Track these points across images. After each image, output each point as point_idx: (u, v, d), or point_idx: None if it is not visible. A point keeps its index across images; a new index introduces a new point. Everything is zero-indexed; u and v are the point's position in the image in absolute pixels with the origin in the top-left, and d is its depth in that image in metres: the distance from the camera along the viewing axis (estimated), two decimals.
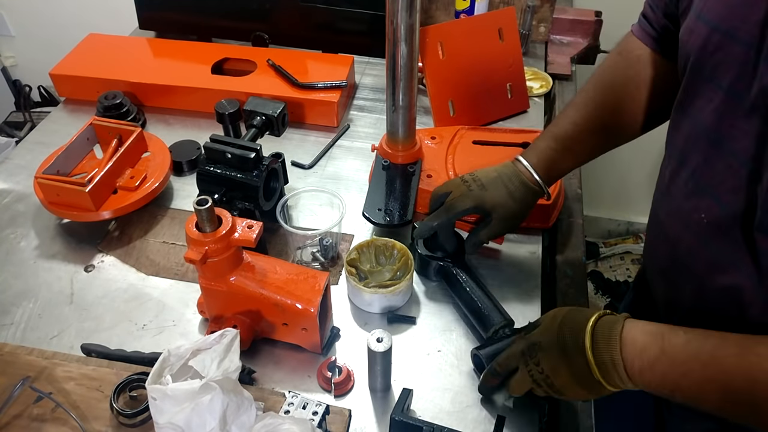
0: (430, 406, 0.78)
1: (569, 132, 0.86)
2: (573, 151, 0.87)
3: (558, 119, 0.89)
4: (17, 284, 0.93)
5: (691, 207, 0.68)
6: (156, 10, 1.46)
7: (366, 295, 0.86)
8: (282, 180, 1.01)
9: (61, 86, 1.30)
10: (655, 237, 0.81)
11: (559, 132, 0.87)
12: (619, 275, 2.11)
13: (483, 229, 0.88)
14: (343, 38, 1.41)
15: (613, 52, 0.88)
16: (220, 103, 1.03)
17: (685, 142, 0.70)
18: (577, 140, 0.86)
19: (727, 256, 0.65)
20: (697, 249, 0.69)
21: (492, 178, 0.87)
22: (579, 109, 0.86)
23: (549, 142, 0.87)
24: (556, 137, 0.86)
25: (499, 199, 0.86)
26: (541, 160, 0.87)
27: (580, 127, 0.85)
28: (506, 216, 0.86)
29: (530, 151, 0.88)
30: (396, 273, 0.90)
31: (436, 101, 1.17)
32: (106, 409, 0.73)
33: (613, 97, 0.85)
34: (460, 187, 0.88)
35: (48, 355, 0.79)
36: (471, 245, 0.89)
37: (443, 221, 0.88)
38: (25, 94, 2.39)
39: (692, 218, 0.68)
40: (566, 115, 0.87)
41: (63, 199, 0.97)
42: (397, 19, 0.85)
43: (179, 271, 0.95)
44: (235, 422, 0.65)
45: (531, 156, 0.87)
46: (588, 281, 2.07)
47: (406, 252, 0.90)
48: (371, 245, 0.91)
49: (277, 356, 0.84)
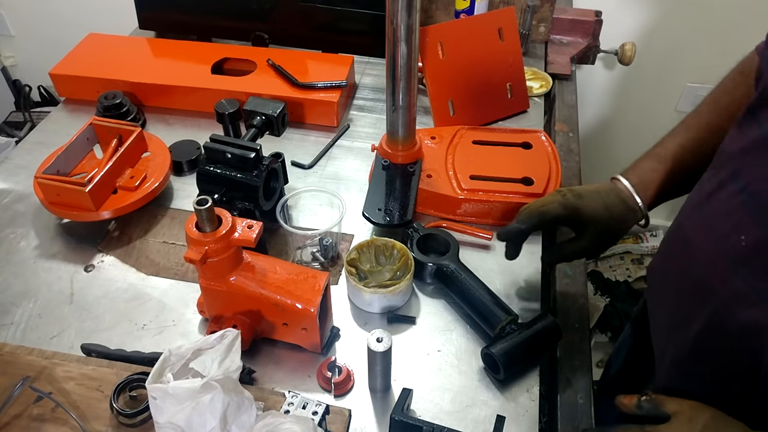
0: (430, 406, 0.78)
1: (676, 154, 0.80)
2: (679, 175, 0.81)
3: (664, 140, 0.83)
4: (17, 284, 0.93)
5: (730, 226, 0.61)
6: (156, 10, 1.46)
7: (366, 295, 0.86)
8: (282, 180, 1.01)
9: (61, 86, 1.30)
10: (673, 254, 0.75)
11: (665, 153, 0.81)
12: (619, 275, 2.11)
13: (571, 243, 0.82)
14: (343, 38, 1.41)
15: (734, 71, 0.82)
16: (220, 103, 1.03)
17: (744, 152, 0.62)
18: (683, 163, 0.80)
19: (757, 287, 0.58)
20: (724, 274, 0.61)
21: (590, 190, 0.82)
22: (689, 131, 0.81)
23: (652, 163, 0.81)
24: (660, 158, 0.81)
25: (595, 212, 0.80)
26: (642, 181, 0.81)
27: (688, 149, 0.80)
28: (601, 232, 0.81)
29: (631, 170, 0.83)
30: (396, 273, 0.90)
31: (436, 101, 1.17)
32: (106, 409, 0.73)
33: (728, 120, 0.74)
34: (554, 195, 0.83)
35: (48, 355, 0.79)
36: (552, 258, 0.85)
37: (531, 225, 0.82)
38: (25, 94, 2.39)
39: (730, 239, 0.61)
40: (674, 136, 0.82)
41: (63, 199, 0.97)
42: (397, 19, 0.85)
43: (179, 271, 0.95)
44: (236, 422, 0.65)
45: (631, 176, 0.82)
46: (588, 281, 2.07)
47: (406, 252, 0.90)
48: (371, 245, 0.91)
49: (277, 356, 0.84)
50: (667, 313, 0.76)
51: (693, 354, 0.69)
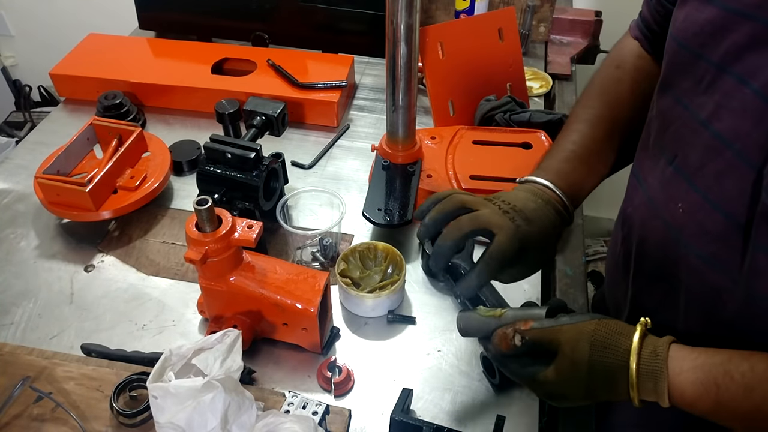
0: (430, 407, 0.78)
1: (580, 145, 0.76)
2: (595, 169, 0.77)
3: (560, 141, 0.79)
4: (17, 284, 0.93)
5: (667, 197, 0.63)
6: (156, 10, 1.46)
7: (369, 301, 0.86)
8: (282, 180, 1.01)
9: (61, 86, 1.30)
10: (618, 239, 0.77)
11: (570, 148, 0.77)
12: None
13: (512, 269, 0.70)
14: (343, 38, 1.41)
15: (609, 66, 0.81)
16: (220, 103, 1.03)
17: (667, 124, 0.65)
18: (591, 153, 0.76)
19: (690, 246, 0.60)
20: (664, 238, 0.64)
21: (532, 210, 0.69)
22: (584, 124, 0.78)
23: (570, 164, 0.75)
24: (574, 157, 0.76)
25: (544, 236, 0.69)
26: (570, 186, 0.73)
27: (590, 140, 0.77)
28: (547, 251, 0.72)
29: (550, 173, 0.74)
30: (385, 273, 0.90)
31: (436, 101, 1.17)
32: (106, 409, 0.73)
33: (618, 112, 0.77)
34: (499, 215, 0.68)
35: (48, 355, 0.79)
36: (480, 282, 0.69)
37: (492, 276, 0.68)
38: (25, 94, 2.39)
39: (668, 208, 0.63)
40: (572, 131, 0.78)
41: (63, 199, 0.97)
42: (397, 19, 0.85)
43: (179, 271, 0.95)
44: (236, 422, 0.65)
45: (555, 178, 0.73)
46: (588, 281, 2.07)
47: (389, 249, 0.90)
48: (355, 252, 0.91)
49: (277, 356, 0.84)
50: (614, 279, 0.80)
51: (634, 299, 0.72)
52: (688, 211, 0.60)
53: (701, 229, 0.59)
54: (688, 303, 0.64)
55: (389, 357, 0.84)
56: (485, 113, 1.15)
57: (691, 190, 0.60)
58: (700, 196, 0.59)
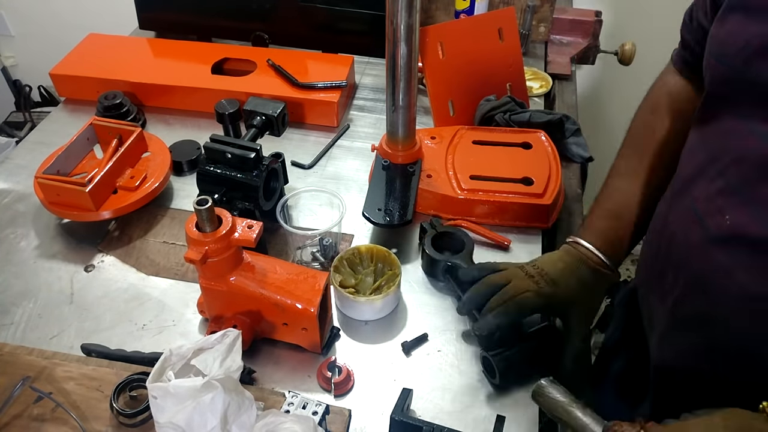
0: (430, 406, 0.78)
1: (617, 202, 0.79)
2: (635, 224, 0.79)
3: (608, 191, 0.82)
4: (17, 284, 0.93)
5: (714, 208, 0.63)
6: (156, 10, 1.46)
7: (378, 303, 0.86)
8: (282, 180, 1.01)
9: (61, 86, 1.30)
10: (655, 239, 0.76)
11: (615, 207, 0.80)
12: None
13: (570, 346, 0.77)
14: (343, 38, 1.41)
15: (644, 111, 0.83)
16: (220, 103, 1.03)
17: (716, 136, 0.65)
18: (628, 209, 0.80)
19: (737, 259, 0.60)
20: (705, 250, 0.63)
21: (561, 271, 0.77)
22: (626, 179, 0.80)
23: (608, 221, 0.79)
24: (613, 213, 0.79)
25: (574, 294, 0.76)
26: (606, 241, 0.78)
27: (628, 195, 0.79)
28: (586, 312, 0.78)
29: (588, 231, 0.80)
30: (377, 274, 0.90)
31: (436, 101, 1.17)
32: (106, 409, 0.73)
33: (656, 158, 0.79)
34: (525, 281, 0.77)
35: (48, 355, 0.79)
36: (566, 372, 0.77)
37: (509, 319, 0.75)
38: (25, 94, 2.39)
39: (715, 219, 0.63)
40: (617, 187, 0.81)
41: (63, 199, 0.97)
42: (397, 19, 0.85)
43: (179, 271, 0.95)
44: (236, 422, 0.65)
45: (592, 237, 0.79)
46: None
47: (372, 248, 0.90)
48: (343, 261, 0.90)
49: (277, 356, 0.84)
50: (650, 292, 0.78)
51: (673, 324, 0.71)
52: (735, 223, 0.60)
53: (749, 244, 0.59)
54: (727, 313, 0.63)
55: (389, 357, 0.84)
56: (485, 113, 1.15)
57: (742, 203, 0.60)
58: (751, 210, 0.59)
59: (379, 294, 0.86)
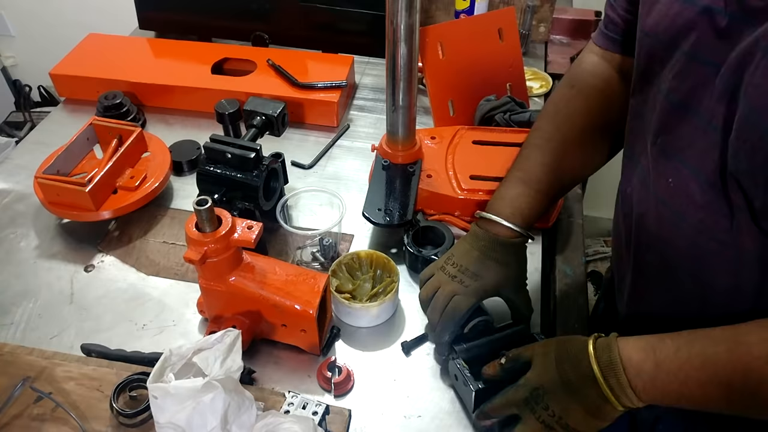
0: (430, 406, 0.78)
1: (527, 171, 0.80)
2: (544, 192, 0.81)
3: (519, 161, 0.82)
4: (17, 284, 0.93)
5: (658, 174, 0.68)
6: (156, 10, 1.46)
7: (374, 310, 0.86)
8: (282, 180, 1.01)
9: (61, 86, 1.30)
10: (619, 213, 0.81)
11: (517, 175, 0.81)
12: None
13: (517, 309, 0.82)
14: (343, 38, 1.41)
15: (564, 87, 0.85)
16: (220, 103, 1.03)
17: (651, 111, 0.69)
18: (542, 179, 0.80)
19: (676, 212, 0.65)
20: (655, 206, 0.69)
21: (475, 258, 0.78)
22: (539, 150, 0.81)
23: (519, 188, 0.80)
24: (526, 182, 0.80)
25: (498, 276, 0.78)
26: (515, 208, 0.79)
27: (538, 165, 0.80)
28: (514, 285, 0.80)
29: (497, 202, 0.81)
30: (375, 280, 0.90)
31: (436, 101, 1.17)
32: (106, 409, 0.73)
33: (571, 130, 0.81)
34: (450, 284, 0.78)
35: (48, 355, 0.79)
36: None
37: (454, 328, 0.77)
38: (25, 94, 2.39)
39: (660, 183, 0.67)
40: (527, 156, 0.82)
41: (63, 199, 0.97)
42: (397, 19, 0.85)
43: (179, 271, 0.95)
44: (236, 422, 0.65)
45: (500, 207, 0.80)
46: (588, 281, 2.07)
47: (372, 254, 0.90)
48: (341, 265, 0.90)
49: (277, 356, 0.84)
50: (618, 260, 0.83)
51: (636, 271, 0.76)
52: (676, 184, 0.65)
53: (689, 199, 0.64)
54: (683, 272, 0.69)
55: (389, 357, 0.84)
56: (485, 113, 1.15)
57: (679, 165, 0.64)
58: (685, 169, 0.64)
59: (375, 301, 0.86)
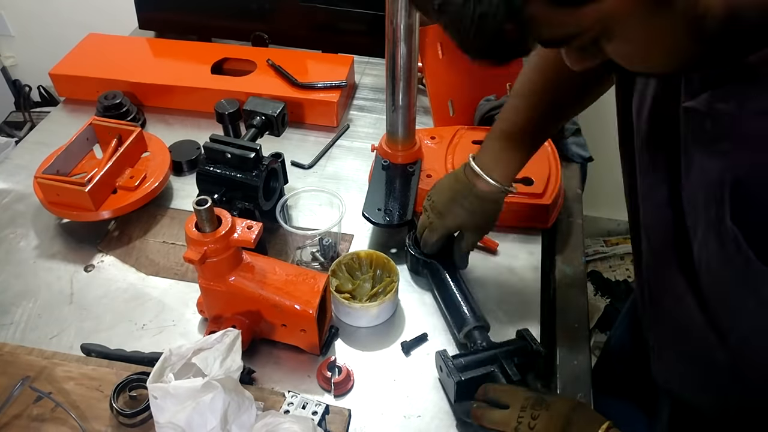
0: (430, 406, 0.78)
1: (520, 124, 0.82)
2: (528, 144, 0.83)
3: (504, 112, 0.85)
4: (17, 284, 0.93)
5: None
6: (156, 10, 1.46)
7: (373, 310, 0.85)
8: (282, 180, 1.01)
9: (61, 86, 1.30)
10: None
11: (509, 128, 0.82)
12: (619, 275, 2.11)
13: (460, 242, 0.88)
14: (343, 38, 1.41)
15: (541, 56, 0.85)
16: (219, 103, 1.03)
17: None
18: (529, 132, 0.82)
19: None
20: None
21: (447, 199, 0.85)
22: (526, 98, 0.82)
23: (501, 141, 0.83)
24: (509, 135, 0.82)
25: (461, 220, 0.85)
26: (497, 161, 0.82)
27: (530, 115, 0.82)
28: (474, 229, 0.87)
29: (483, 153, 0.84)
30: (375, 280, 0.90)
31: (435, 101, 1.17)
32: (106, 409, 0.73)
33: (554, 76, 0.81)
34: (424, 217, 0.89)
35: (48, 355, 0.79)
36: (459, 259, 0.90)
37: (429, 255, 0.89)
38: (25, 94, 2.38)
39: None
40: (512, 107, 0.84)
41: (63, 199, 0.97)
42: (396, 19, 0.85)
43: (179, 271, 0.95)
44: (236, 422, 0.65)
45: (484, 159, 0.83)
46: (588, 281, 2.07)
47: (372, 254, 0.90)
48: (341, 265, 0.90)
49: (277, 356, 0.84)
50: None
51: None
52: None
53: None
54: None
55: (389, 357, 0.84)
56: (485, 113, 1.15)
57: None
58: None
59: (375, 301, 0.86)
